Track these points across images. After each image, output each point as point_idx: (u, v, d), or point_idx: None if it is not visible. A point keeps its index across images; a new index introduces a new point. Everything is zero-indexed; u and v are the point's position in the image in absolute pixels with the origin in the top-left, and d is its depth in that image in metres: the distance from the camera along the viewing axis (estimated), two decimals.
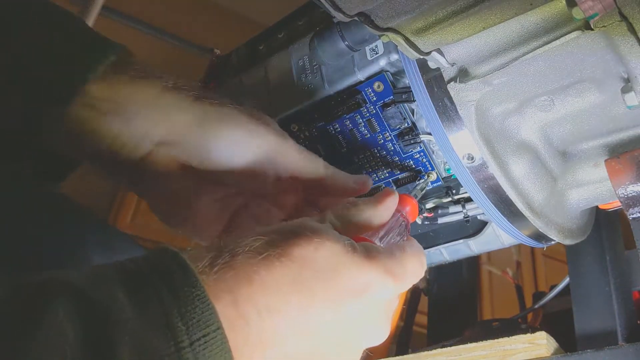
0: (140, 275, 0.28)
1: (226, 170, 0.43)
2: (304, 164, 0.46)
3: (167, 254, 0.30)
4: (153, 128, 0.42)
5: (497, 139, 0.48)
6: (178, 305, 0.27)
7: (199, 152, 0.42)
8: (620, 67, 0.41)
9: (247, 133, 0.43)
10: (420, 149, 0.53)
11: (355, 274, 0.34)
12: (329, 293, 0.33)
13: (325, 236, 0.34)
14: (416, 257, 0.40)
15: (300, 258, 0.32)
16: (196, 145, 0.42)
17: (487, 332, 0.67)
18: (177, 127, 0.42)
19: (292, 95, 0.56)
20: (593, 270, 0.61)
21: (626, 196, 0.46)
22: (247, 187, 0.46)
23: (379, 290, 0.35)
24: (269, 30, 0.64)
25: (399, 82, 0.52)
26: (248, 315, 0.30)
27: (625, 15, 0.35)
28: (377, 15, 0.39)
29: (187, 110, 0.42)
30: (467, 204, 0.54)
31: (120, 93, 0.41)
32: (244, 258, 0.31)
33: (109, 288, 0.27)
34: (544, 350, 0.55)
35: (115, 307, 0.26)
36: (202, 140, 0.42)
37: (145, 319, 0.26)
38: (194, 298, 0.28)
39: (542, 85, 0.45)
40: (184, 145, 0.42)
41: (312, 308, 0.32)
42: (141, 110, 0.41)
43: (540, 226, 0.50)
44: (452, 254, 0.61)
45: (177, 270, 0.28)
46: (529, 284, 2.39)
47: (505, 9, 0.38)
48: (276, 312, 0.31)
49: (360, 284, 0.34)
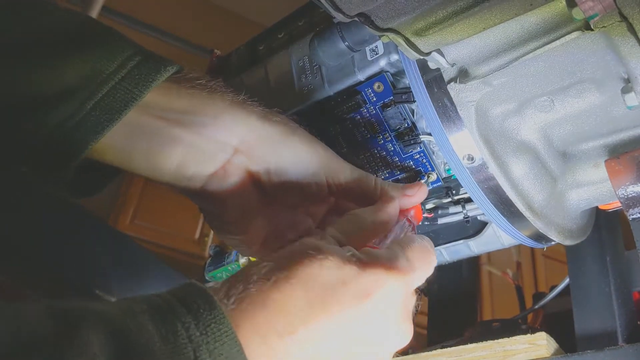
0: (169, 310, 0.29)
1: (286, 182, 0.45)
2: (358, 183, 0.47)
3: (194, 288, 0.31)
4: (229, 137, 0.43)
5: (497, 139, 0.48)
6: (207, 341, 0.28)
7: (268, 163, 0.44)
8: (620, 67, 0.41)
9: (311, 148, 0.45)
10: (420, 149, 0.53)
11: (361, 279, 0.35)
12: (342, 303, 0.34)
13: (326, 251, 0.35)
14: (419, 249, 0.40)
15: (307, 276, 0.34)
16: (265, 156, 0.44)
17: (487, 333, 0.67)
18: (249, 138, 0.44)
19: (292, 96, 0.56)
20: (593, 271, 0.61)
21: (626, 197, 0.46)
22: (302, 200, 0.47)
23: (388, 288, 0.36)
24: (269, 31, 0.64)
25: (399, 82, 0.52)
26: (270, 340, 0.31)
27: (625, 16, 0.35)
28: (377, 15, 0.39)
29: (255, 122, 0.44)
30: (467, 204, 0.54)
31: (190, 104, 0.42)
32: (256, 286, 0.32)
33: (139, 319, 0.28)
34: (544, 351, 0.55)
35: (145, 337, 0.27)
36: (270, 151, 0.44)
37: (174, 351, 0.28)
38: (222, 335, 0.29)
39: (542, 85, 0.45)
40: (255, 155, 0.44)
41: (328, 321, 0.33)
42: (214, 121, 0.43)
43: (540, 227, 0.50)
44: (452, 255, 0.61)
45: (203, 305, 0.30)
46: (529, 284, 2.39)
47: (506, 10, 0.38)
48: (296, 332, 0.32)
49: (368, 287, 0.35)
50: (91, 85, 0.39)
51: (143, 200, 2.51)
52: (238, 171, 0.44)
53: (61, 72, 0.39)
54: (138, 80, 0.40)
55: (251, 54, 0.64)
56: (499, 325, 0.73)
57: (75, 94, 0.39)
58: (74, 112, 0.39)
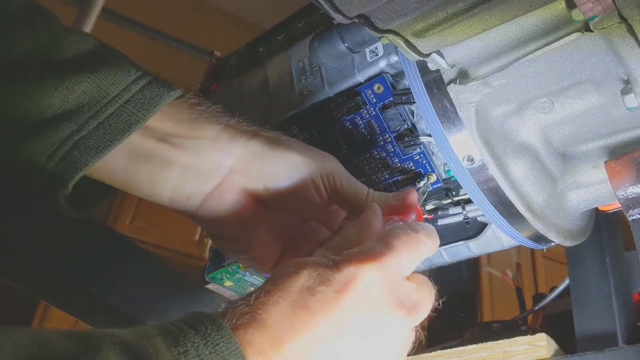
0: (180, 333, 0.31)
1: (285, 192, 0.46)
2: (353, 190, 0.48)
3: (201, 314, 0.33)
4: (225, 157, 0.45)
5: (497, 140, 0.48)
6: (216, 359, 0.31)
7: (264, 179, 0.46)
8: (619, 68, 0.41)
9: (304, 157, 0.46)
10: (420, 150, 0.53)
11: (336, 276, 0.36)
12: (324, 302, 0.35)
13: (305, 264, 0.37)
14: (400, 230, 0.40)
15: (288, 288, 0.35)
16: (260, 172, 0.46)
17: (487, 334, 0.67)
18: (243, 156, 0.45)
19: (292, 97, 0.56)
20: (593, 272, 0.61)
21: (626, 198, 0.46)
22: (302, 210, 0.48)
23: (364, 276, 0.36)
24: (269, 32, 0.64)
25: (399, 83, 0.52)
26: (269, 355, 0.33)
27: (625, 17, 0.35)
28: (377, 17, 0.39)
29: (248, 142, 0.45)
30: (467, 205, 0.54)
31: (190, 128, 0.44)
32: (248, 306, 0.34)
33: (153, 342, 0.30)
34: (544, 352, 0.55)
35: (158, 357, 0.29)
36: (264, 166, 0.45)
37: None
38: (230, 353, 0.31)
39: (542, 86, 0.45)
40: (250, 172, 0.45)
41: (316, 324, 0.34)
42: (211, 143, 0.45)
43: (540, 228, 0.50)
44: (452, 256, 0.61)
45: (211, 327, 0.32)
46: (529, 285, 2.39)
47: (505, 11, 0.38)
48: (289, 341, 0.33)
49: (343, 281, 0.36)
50: (96, 106, 0.42)
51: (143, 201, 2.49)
52: (234, 189, 0.46)
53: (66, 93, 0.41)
54: (142, 104, 0.43)
55: (251, 55, 0.64)
56: (499, 326, 0.73)
57: (79, 113, 0.42)
58: (76, 130, 0.42)
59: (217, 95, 0.64)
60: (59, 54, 0.43)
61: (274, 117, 0.57)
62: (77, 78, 0.42)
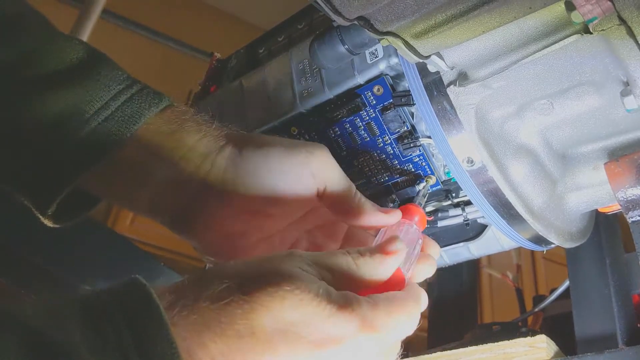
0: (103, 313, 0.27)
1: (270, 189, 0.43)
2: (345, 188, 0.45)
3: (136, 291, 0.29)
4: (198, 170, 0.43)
5: (497, 142, 0.48)
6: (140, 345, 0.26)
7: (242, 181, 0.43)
8: (619, 70, 0.41)
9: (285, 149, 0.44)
10: (419, 152, 0.53)
11: (326, 326, 0.31)
12: (294, 347, 0.31)
13: (296, 284, 0.31)
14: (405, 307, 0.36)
15: (264, 308, 0.30)
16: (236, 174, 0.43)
17: (488, 336, 0.67)
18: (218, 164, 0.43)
19: (291, 99, 0.56)
20: (593, 274, 0.61)
21: (626, 199, 0.46)
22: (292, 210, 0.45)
23: (355, 344, 0.32)
24: (269, 34, 0.64)
25: (399, 85, 0.52)
26: None
27: (624, 19, 0.35)
28: (377, 19, 0.39)
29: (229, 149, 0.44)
30: (466, 207, 0.54)
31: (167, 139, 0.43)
32: (206, 303, 0.30)
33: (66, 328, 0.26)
34: (544, 354, 0.55)
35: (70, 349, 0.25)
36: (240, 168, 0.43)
37: None
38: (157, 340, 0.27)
39: (542, 88, 0.45)
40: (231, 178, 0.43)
41: None
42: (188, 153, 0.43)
43: (540, 229, 0.50)
44: (452, 257, 0.61)
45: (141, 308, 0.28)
46: (529, 287, 2.39)
47: (505, 13, 0.38)
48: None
49: (331, 336, 0.31)
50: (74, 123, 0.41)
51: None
52: (214, 199, 0.43)
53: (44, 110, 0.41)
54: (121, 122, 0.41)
55: (251, 57, 0.64)
56: (499, 328, 0.73)
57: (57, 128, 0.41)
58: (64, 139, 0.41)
59: (217, 97, 0.64)
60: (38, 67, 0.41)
61: (273, 119, 0.57)
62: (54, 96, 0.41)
